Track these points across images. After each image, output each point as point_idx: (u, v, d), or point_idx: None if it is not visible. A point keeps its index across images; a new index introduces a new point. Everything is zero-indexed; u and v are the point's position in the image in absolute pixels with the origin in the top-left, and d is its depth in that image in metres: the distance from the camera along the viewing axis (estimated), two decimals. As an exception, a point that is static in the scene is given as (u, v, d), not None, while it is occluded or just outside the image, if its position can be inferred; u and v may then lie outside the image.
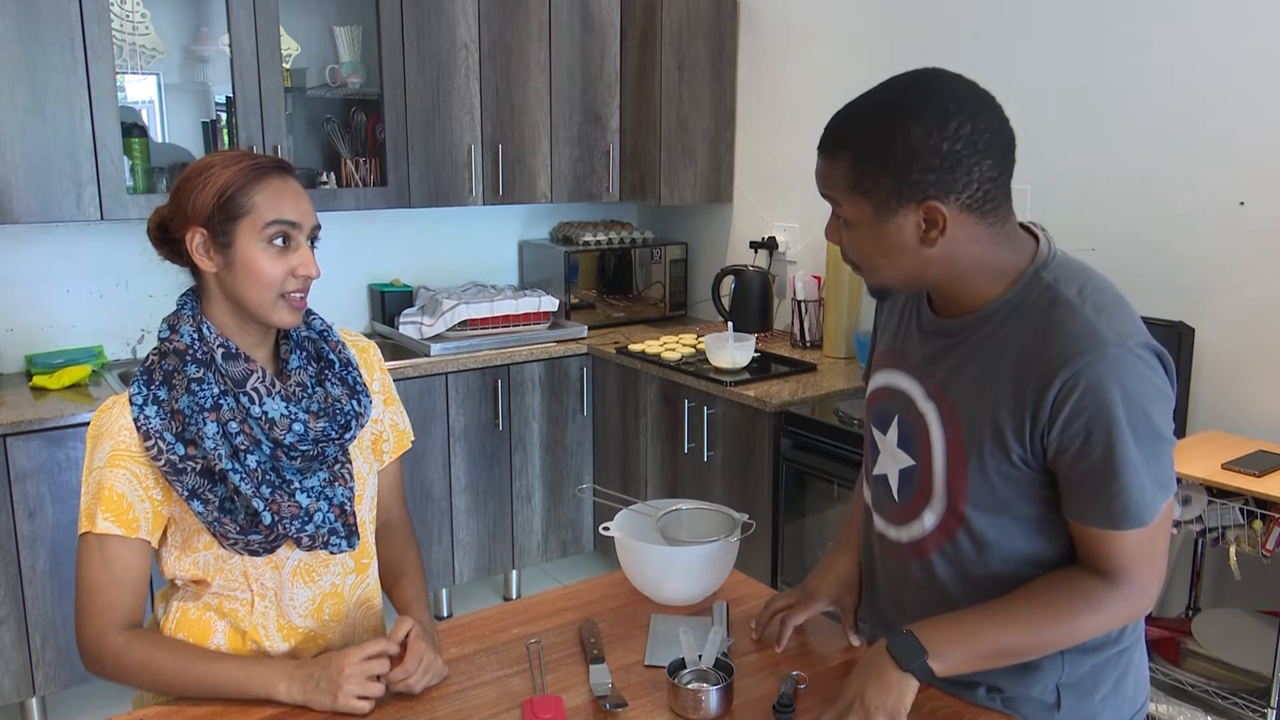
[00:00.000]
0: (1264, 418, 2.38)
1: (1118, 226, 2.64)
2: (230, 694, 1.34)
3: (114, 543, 1.35)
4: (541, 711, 1.31)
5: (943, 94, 1.15)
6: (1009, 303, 1.22)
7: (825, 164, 1.21)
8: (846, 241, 1.24)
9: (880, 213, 1.17)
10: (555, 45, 3.60)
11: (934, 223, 1.16)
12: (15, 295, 3.12)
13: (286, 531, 1.38)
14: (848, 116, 1.20)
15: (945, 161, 1.13)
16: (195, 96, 3.31)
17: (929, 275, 1.23)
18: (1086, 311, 1.17)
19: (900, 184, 1.15)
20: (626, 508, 1.73)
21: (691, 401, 3.15)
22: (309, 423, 1.39)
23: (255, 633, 1.43)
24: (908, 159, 1.14)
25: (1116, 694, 1.32)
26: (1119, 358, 1.14)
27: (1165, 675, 2.24)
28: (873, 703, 1.20)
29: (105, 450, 1.35)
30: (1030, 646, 1.24)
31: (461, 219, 3.91)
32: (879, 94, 1.19)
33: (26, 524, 2.69)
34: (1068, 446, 1.16)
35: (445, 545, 3.40)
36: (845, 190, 1.19)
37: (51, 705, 2.97)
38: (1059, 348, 1.15)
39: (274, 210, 1.34)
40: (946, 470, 1.26)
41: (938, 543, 1.31)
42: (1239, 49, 2.37)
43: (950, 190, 1.15)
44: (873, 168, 1.15)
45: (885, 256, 1.21)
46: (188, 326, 1.37)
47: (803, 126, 3.52)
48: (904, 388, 1.33)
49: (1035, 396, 1.17)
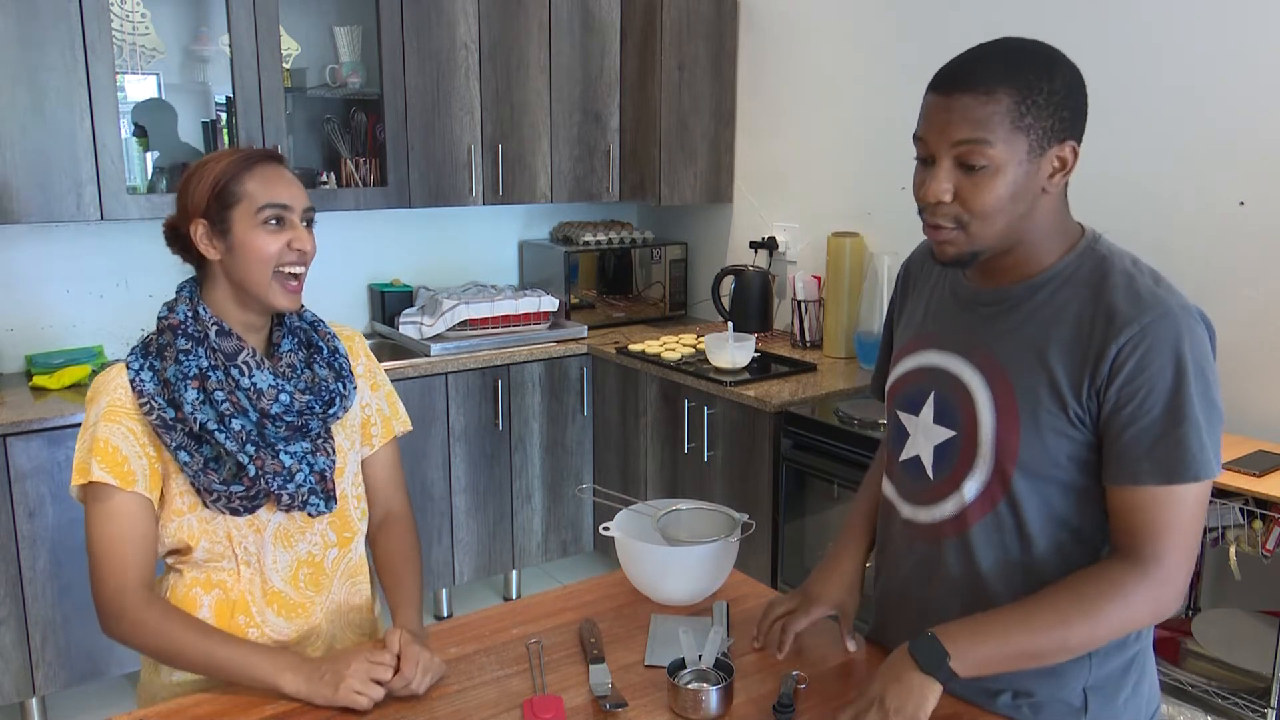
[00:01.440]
0: (1264, 418, 2.38)
1: (1118, 226, 2.61)
2: (235, 676, 1.36)
3: (115, 495, 1.39)
4: (541, 711, 1.31)
5: (1059, 50, 1.22)
6: (1064, 270, 1.24)
7: (978, 101, 1.16)
8: (970, 191, 1.18)
9: (1032, 150, 1.17)
10: (555, 45, 3.60)
11: (1065, 163, 1.20)
12: (15, 295, 3.12)
13: (269, 486, 1.44)
14: (994, 55, 1.19)
15: (1080, 101, 1.20)
16: (195, 96, 3.31)
17: (1022, 230, 1.22)
18: (1145, 279, 1.20)
19: (1056, 121, 1.17)
20: (626, 508, 1.73)
21: (691, 401, 3.15)
22: (295, 395, 1.46)
23: (243, 601, 1.48)
24: (1063, 96, 1.17)
25: (1136, 696, 1.32)
26: (1183, 319, 1.16)
27: (1165, 675, 2.24)
28: (892, 705, 1.18)
29: (101, 406, 1.42)
30: (1055, 646, 1.21)
31: (461, 219, 3.91)
32: (1010, 41, 1.21)
33: (26, 524, 2.69)
34: (1127, 403, 1.16)
35: (445, 545, 3.40)
36: (1004, 126, 1.16)
37: (51, 705, 2.97)
38: (1123, 306, 1.17)
39: (266, 194, 1.42)
40: (996, 432, 1.25)
41: (978, 513, 1.28)
42: (1239, 49, 2.37)
43: (1080, 133, 1.20)
44: (1038, 101, 1.16)
45: (1013, 201, 1.19)
46: (183, 306, 1.45)
47: (803, 126, 3.52)
48: (940, 364, 1.33)
49: (1098, 351, 1.18)
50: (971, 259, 1.24)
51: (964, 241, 1.22)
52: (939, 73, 1.21)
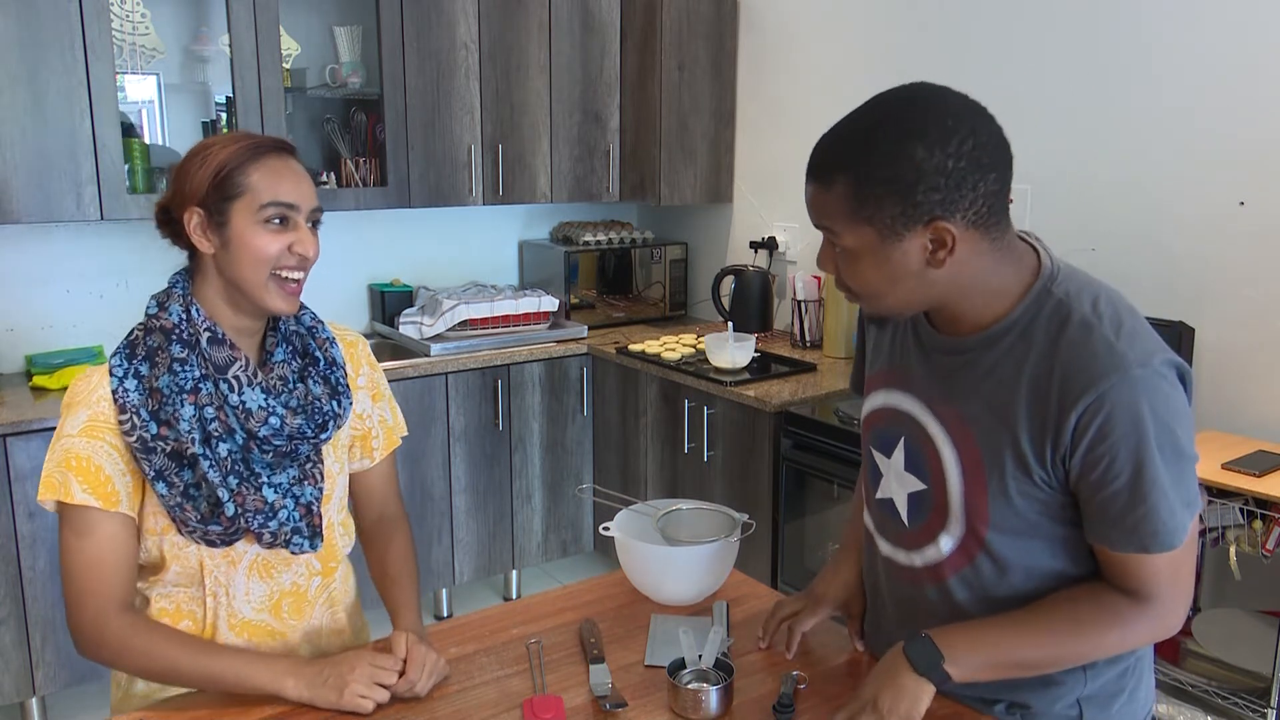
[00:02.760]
0: (1264, 418, 2.38)
1: (1118, 227, 2.64)
2: (236, 688, 1.32)
3: (95, 516, 1.31)
4: (541, 711, 1.31)
5: (939, 110, 1.10)
6: (1019, 320, 1.18)
7: (818, 192, 1.14)
8: (845, 270, 1.18)
9: (885, 238, 1.12)
10: (555, 45, 3.60)
11: (942, 243, 1.11)
12: (15, 295, 3.12)
13: (249, 525, 1.36)
14: (839, 140, 1.13)
15: (950, 180, 1.08)
16: (195, 96, 3.31)
17: (933, 297, 1.18)
18: (1104, 330, 1.12)
19: (905, 207, 1.09)
20: (626, 508, 1.73)
21: (691, 401, 3.15)
22: (286, 418, 1.37)
23: (210, 631, 1.42)
24: (913, 180, 1.08)
25: (1131, 703, 1.31)
26: (1143, 379, 1.09)
27: (1165, 675, 2.24)
28: (886, 706, 1.18)
29: (80, 419, 1.32)
30: (1051, 660, 1.21)
31: (461, 219, 3.91)
32: (869, 114, 1.13)
33: (26, 524, 2.69)
34: (1092, 470, 1.12)
35: (445, 545, 3.40)
36: (845, 218, 1.12)
37: (51, 705, 2.97)
38: (1080, 369, 1.11)
39: (271, 191, 1.32)
40: (964, 493, 1.22)
41: (956, 566, 1.27)
42: (1239, 49, 2.37)
43: (956, 209, 1.10)
44: (875, 192, 1.09)
45: (889, 283, 1.15)
46: (177, 306, 1.35)
47: (803, 126, 3.52)
48: (908, 409, 1.29)
49: (1056, 419, 1.13)
50: (885, 319, 1.24)
51: (869, 307, 1.22)
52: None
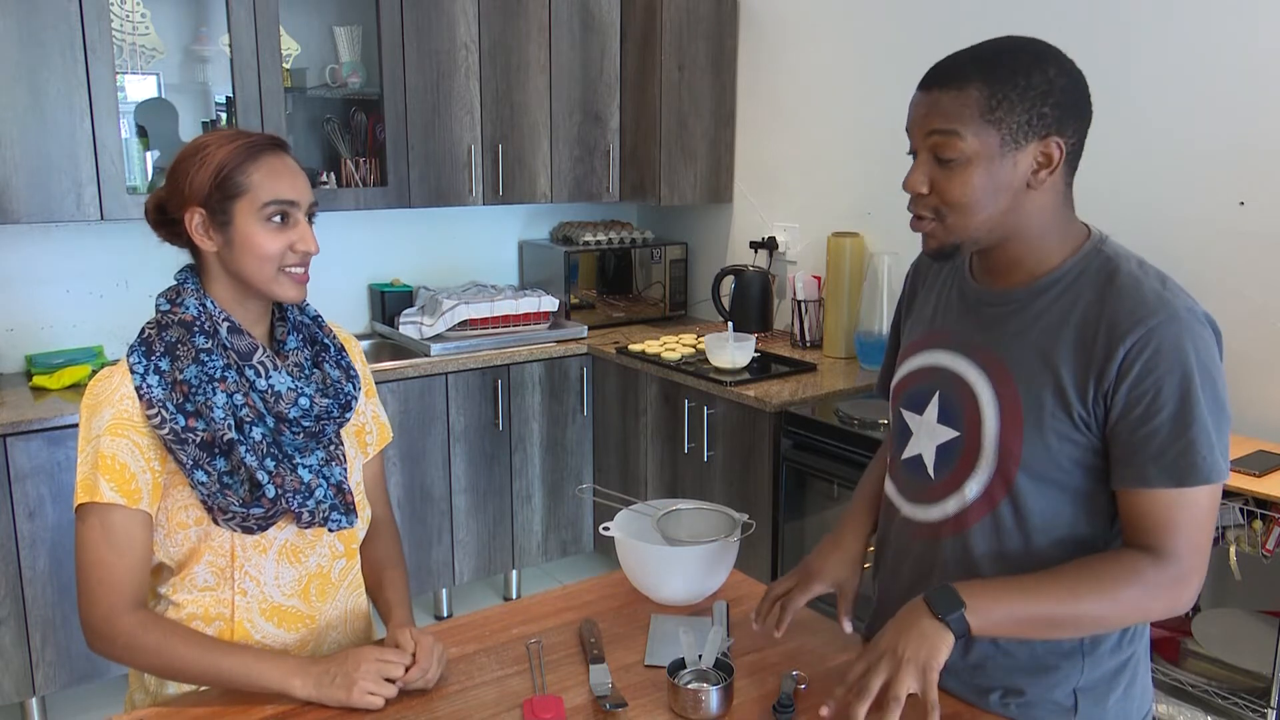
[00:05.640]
0: (1264, 418, 2.38)
1: (1117, 227, 2.61)
2: (244, 686, 1.32)
3: (117, 514, 1.32)
4: (541, 711, 1.31)
5: (1056, 49, 1.22)
6: (1069, 272, 1.24)
7: (949, 95, 1.19)
8: (947, 183, 1.21)
9: (1004, 145, 1.18)
10: (555, 45, 3.60)
11: (1050, 159, 1.19)
12: (15, 295, 3.12)
13: (289, 505, 1.37)
14: (970, 55, 1.21)
15: (1069, 99, 1.18)
16: (195, 96, 3.31)
17: (1010, 227, 1.23)
18: (1152, 281, 1.20)
19: (1032, 116, 1.17)
20: (626, 508, 1.73)
21: (691, 401, 3.15)
22: (314, 398, 1.40)
23: (241, 626, 1.42)
24: (1044, 91, 1.17)
25: (1126, 699, 1.32)
26: (1190, 323, 1.16)
27: (1165, 675, 2.24)
28: (905, 653, 1.16)
29: (105, 418, 1.32)
30: (1071, 618, 1.20)
31: (461, 219, 3.91)
32: (994, 43, 1.22)
33: (26, 524, 2.69)
34: (1135, 406, 1.16)
35: (445, 545, 3.40)
36: (974, 120, 1.17)
37: (51, 705, 2.97)
38: (1129, 309, 1.17)
39: (271, 190, 1.35)
40: (999, 434, 1.25)
41: (978, 513, 1.28)
42: (1239, 49, 2.37)
43: (1065, 131, 1.19)
44: (1010, 97, 1.17)
45: (991, 194, 1.20)
46: (192, 300, 1.37)
47: (803, 126, 3.52)
48: (945, 364, 1.33)
49: (1104, 355, 1.17)
50: (954, 251, 1.25)
51: (943, 233, 1.24)
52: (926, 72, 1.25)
